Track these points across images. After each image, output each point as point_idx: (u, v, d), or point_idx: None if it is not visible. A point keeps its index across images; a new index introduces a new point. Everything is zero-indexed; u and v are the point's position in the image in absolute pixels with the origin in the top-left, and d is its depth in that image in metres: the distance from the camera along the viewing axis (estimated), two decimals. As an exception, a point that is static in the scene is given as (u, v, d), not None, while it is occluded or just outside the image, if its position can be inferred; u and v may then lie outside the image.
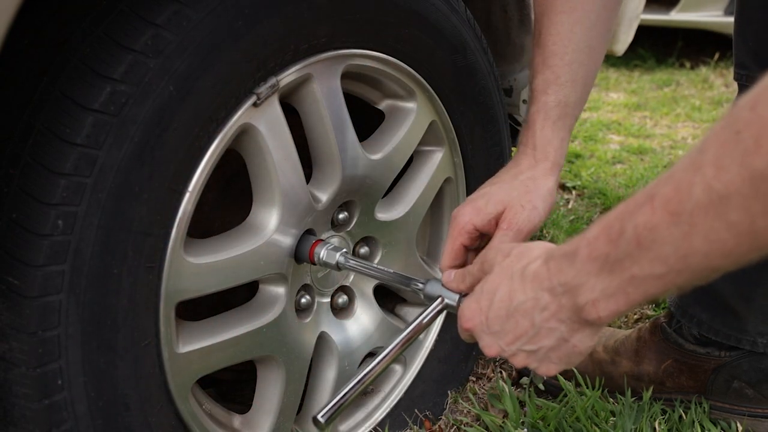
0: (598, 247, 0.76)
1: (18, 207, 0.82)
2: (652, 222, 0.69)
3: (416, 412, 1.43)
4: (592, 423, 1.38)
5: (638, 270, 0.72)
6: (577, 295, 0.79)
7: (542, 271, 0.84)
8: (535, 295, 0.85)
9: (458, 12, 1.27)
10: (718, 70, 4.94)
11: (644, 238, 0.70)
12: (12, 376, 0.85)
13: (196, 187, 0.95)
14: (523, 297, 0.86)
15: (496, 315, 0.89)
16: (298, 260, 1.13)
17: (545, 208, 1.11)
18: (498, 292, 0.89)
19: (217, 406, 1.16)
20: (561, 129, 1.13)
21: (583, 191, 2.80)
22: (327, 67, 1.09)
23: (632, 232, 0.71)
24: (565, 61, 1.13)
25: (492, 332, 0.91)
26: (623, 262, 0.73)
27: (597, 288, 0.77)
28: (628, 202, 0.74)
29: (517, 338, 0.88)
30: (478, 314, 0.92)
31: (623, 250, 0.72)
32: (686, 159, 0.67)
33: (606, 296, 0.77)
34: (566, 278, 0.80)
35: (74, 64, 0.84)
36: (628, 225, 0.72)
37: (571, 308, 0.81)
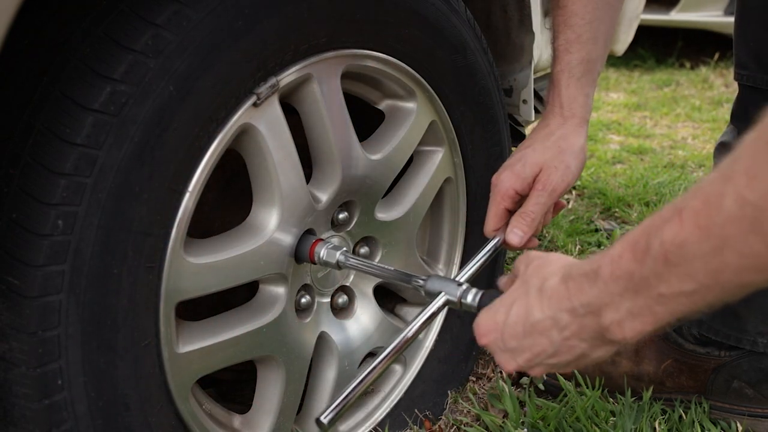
0: (622, 265, 0.72)
1: (18, 207, 0.82)
2: (680, 237, 0.65)
3: (416, 412, 1.43)
4: (592, 423, 1.38)
5: (666, 288, 0.69)
6: (601, 316, 0.76)
7: (561, 290, 0.81)
8: (554, 314, 0.81)
9: (458, 12, 1.27)
10: (718, 70, 4.94)
11: (672, 255, 0.67)
12: (12, 376, 0.85)
13: (196, 187, 0.95)
14: (541, 315, 0.83)
15: (512, 332, 0.86)
16: (298, 260, 1.13)
17: (578, 165, 1.16)
18: (514, 307, 0.87)
19: (217, 406, 1.16)
20: (585, 85, 1.16)
21: (583, 191, 2.80)
22: (327, 67, 1.09)
23: (659, 249, 0.68)
24: (586, 20, 1.16)
25: (508, 349, 0.88)
26: (649, 280, 0.70)
27: (622, 308, 0.73)
28: (653, 217, 0.70)
29: (535, 355, 0.85)
30: (493, 330, 0.89)
31: (649, 267, 0.69)
32: (715, 172, 0.64)
33: (632, 316, 0.73)
34: (588, 299, 0.77)
35: (74, 64, 0.84)
36: (654, 241, 0.68)
37: (594, 329, 0.78)
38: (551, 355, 0.84)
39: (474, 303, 1.01)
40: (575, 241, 2.26)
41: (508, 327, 0.87)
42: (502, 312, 0.88)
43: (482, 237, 1.49)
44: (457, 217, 1.45)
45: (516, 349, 0.87)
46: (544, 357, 0.85)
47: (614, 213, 2.56)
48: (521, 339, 0.86)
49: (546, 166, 1.14)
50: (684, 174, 2.94)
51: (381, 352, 1.05)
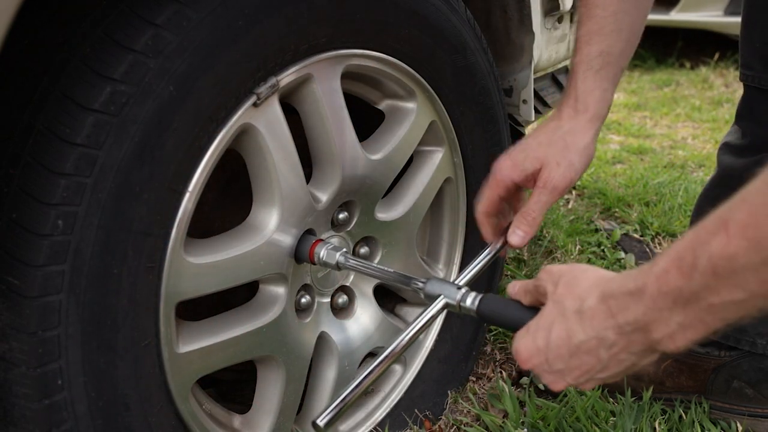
0: (669, 281, 0.72)
1: (18, 207, 0.82)
2: (729, 251, 0.65)
3: (416, 412, 1.43)
4: (592, 423, 1.38)
5: (716, 298, 0.68)
6: (651, 332, 0.76)
7: (602, 310, 0.80)
8: (598, 334, 0.80)
9: (458, 12, 1.27)
10: (718, 70, 4.94)
11: (721, 268, 0.66)
12: (12, 376, 0.85)
13: (196, 187, 0.95)
14: (584, 336, 0.82)
15: (556, 355, 0.85)
16: (298, 260, 1.13)
17: (582, 162, 1.11)
18: (553, 331, 0.85)
19: (217, 406, 1.16)
20: (603, 79, 1.12)
21: (583, 191, 2.80)
22: (327, 67, 1.09)
23: (707, 263, 0.67)
24: (609, 12, 1.11)
25: (555, 371, 0.87)
26: (699, 293, 0.69)
27: (672, 322, 0.73)
28: (698, 231, 0.70)
29: (584, 373, 0.84)
30: (536, 355, 0.87)
31: (698, 282, 0.69)
32: (757, 182, 0.64)
33: (683, 328, 0.73)
34: (635, 316, 0.76)
35: (74, 64, 0.84)
36: (701, 256, 0.68)
37: (643, 343, 0.78)
38: (601, 370, 0.83)
39: (473, 306, 1.00)
40: (575, 241, 2.26)
41: (551, 351, 0.85)
42: (541, 336, 0.86)
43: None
44: (457, 217, 1.45)
45: (563, 370, 0.86)
46: (593, 373, 0.84)
47: (614, 213, 2.56)
48: (567, 360, 0.84)
49: (548, 162, 1.10)
50: (684, 174, 2.94)
51: (380, 354, 1.05)
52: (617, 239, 2.31)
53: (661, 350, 0.77)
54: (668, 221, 2.41)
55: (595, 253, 2.23)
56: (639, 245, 2.29)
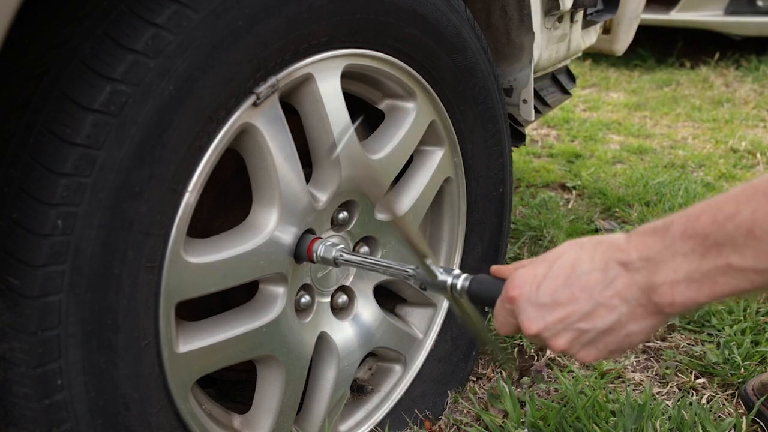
0: (698, 225, 0.68)
1: (18, 207, 0.82)
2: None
3: (416, 412, 1.43)
4: (593, 423, 1.38)
5: (738, 260, 0.65)
6: (656, 273, 0.71)
7: (621, 242, 0.76)
8: (605, 265, 0.75)
9: (458, 12, 1.27)
10: (718, 69, 4.94)
11: (760, 228, 0.63)
12: (12, 376, 0.85)
13: (196, 186, 0.95)
14: (589, 266, 0.77)
15: (551, 283, 0.79)
16: (297, 260, 1.13)
17: None
18: (560, 259, 0.80)
19: (216, 406, 1.16)
20: None
21: (583, 191, 2.80)
22: (327, 67, 1.09)
23: (747, 218, 0.64)
24: None
25: (539, 304, 0.80)
26: (722, 247, 0.66)
27: (682, 269, 0.69)
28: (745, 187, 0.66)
29: (568, 314, 0.78)
30: (529, 281, 0.82)
31: (728, 234, 0.65)
32: None
33: (689, 281, 0.69)
34: (649, 252, 0.72)
35: (74, 64, 0.84)
36: (744, 209, 0.65)
37: (642, 286, 0.73)
38: (584, 317, 0.78)
39: (464, 286, 0.98)
40: (575, 241, 2.26)
41: (548, 279, 0.80)
42: (543, 266, 0.82)
43: (482, 237, 1.49)
44: (457, 216, 1.45)
45: (548, 304, 0.80)
46: (575, 318, 0.78)
47: (614, 213, 2.56)
48: (559, 291, 0.79)
49: None
50: (684, 174, 2.94)
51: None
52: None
53: (654, 301, 0.73)
54: (668, 221, 2.41)
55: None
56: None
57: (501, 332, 0.90)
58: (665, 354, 1.71)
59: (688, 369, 1.65)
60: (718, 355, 1.66)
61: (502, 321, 0.88)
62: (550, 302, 0.80)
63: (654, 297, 0.73)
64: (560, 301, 0.79)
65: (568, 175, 2.98)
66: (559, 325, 0.80)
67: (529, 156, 3.29)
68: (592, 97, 4.41)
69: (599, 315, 0.77)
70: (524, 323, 0.82)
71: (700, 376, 1.63)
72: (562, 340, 0.80)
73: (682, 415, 1.42)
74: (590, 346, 0.80)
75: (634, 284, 0.74)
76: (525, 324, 0.82)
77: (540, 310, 0.81)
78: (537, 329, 0.81)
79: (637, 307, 0.75)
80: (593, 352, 0.80)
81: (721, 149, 3.34)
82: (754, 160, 3.19)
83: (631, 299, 0.75)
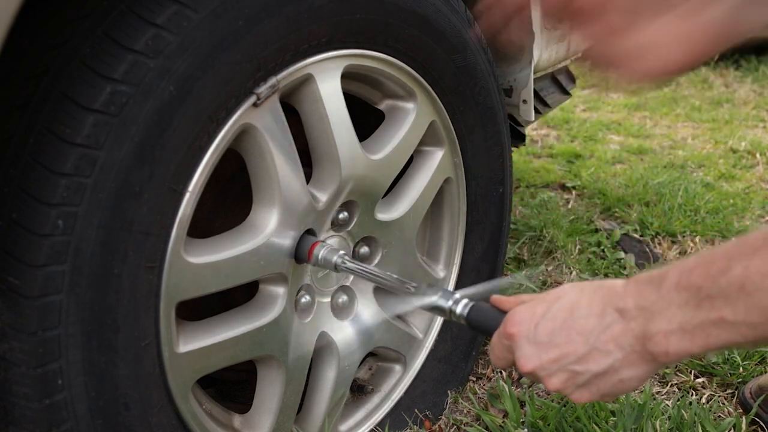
0: (692, 278, 0.70)
1: (18, 207, 0.82)
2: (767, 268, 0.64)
3: (416, 412, 1.43)
4: (593, 423, 1.38)
5: (730, 314, 0.67)
6: (651, 322, 0.73)
7: (618, 289, 0.78)
8: (602, 311, 0.77)
9: (458, 12, 1.27)
10: (718, 70, 4.94)
11: (751, 283, 0.65)
12: (12, 376, 0.85)
13: (196, 187, 0.95)
14: (587, 311, 0.79)
15: (549, 324, 0.81)
16: (298, 260, 1.13)
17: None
18: (560, 301, 0.82)
19: (217, 406, 1.16)
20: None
21: (583, 191, 2.80)
22: (327, 67, 1.09)
23: (740, 273, 0.66)
24: None
25: (537, 342, 0.82)
26: (715, 300, 0.67)
27: (676, 320, 0.71)
28: (740, 243, 0.68)
29: (563, 356, 0.80)
30: (528, 320, 0.83)
31: (720, 288, 0.67)
32: None
33: (682, 332, 0.71)
34: (645, 302, 0.74)
35: (74, 64, 0.84)
36: (736, 265, 0.66)
37: (638, 335, 0.75)
38: (579, 359, 0.79)
39: (463, 314, 0.98)
40: (575, 241, 2.26)
41: (546, 319, 0.82)
42: (543, 306, 0.83)
43: (482, 237, 1.49)
44: (457, 217, 1.45)
45: (545, 344, 0.81)
46: (570, 360, 0.80)
47: (614, 213, 2.56)
48: (556, 332, 0.80)
49: None
50: (684, 174, 2.94)
51: None
52: (617, 239, 2.31)
53: (649, 350, 0.74)
54: (668, 221, 2.41)
55: (595, 253, 2.23)
56: (639, 245, 2.29)
57: (497, 365, 0.92)
58: (665, 354, 1.71)
59: (688, 369, 1.65)
60: (718, 354, 1.66)
61: (499, 355, 0.89)
62: (547, 342, 0.81)
63: (649, 346, 0.74)
64: (556, 342, 0.81)
65: (568, 175, 2.98)
66: (554, 365, 0.81)
67: (529, 156, 3.29)
68: (592, 98, 4.41)
69: (594, 359, 0.79)
70: (520, 360, 0.84)
71: (699, 376, 1.63)
72: (556, 380, 0.82)
73: (682, 414, 1.42)
74: (584, 388, 0.81)
75: (629, 331, 0.76)
76: (521, 361, 0.84)
77: (536, 348, 0.82)
78: (532, 367, 0.83)
79: (632, 353, 0.76)
80: (586, 394, 0.82)
81: (721, 149, 3.35)
82: (753, 160, 3.19)
83: (627, 346, 0.76)
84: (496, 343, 0.89)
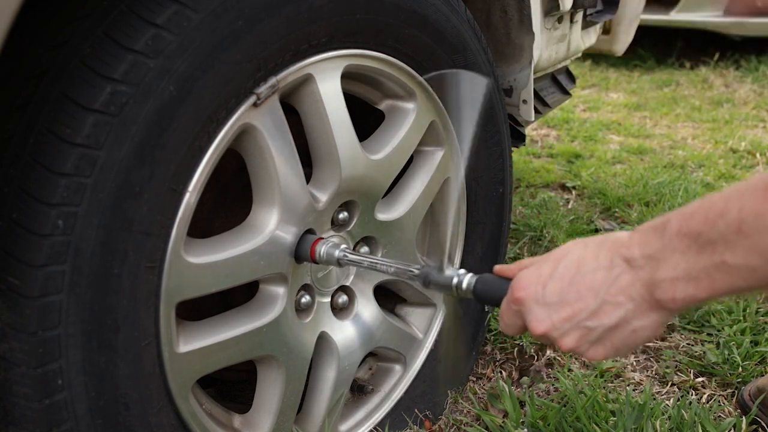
0: (691, 223, 0.70)
1: (18, 207, 0.83)
2: (762, 208, 0.64)
3: (416, 411, 1.43)
4: (593, 423, 1.38)
5: (731, 257, 0.66)
6: (657, 270, 0.72)
7: (624, 240, 0.77)
8: (610, 263, 0.76)
9: (458, 12, 1.27)
10: (718, 70, 4.94)
11: (747, 225, 0.64)
12: (12, 376, 0.85)
13: (196, 187, 0.95)
14: (594, 264, 0.78)
15: (557, 283, 0.80)
16: (298, 260, 1.13)
17: None
18: (565, 259, 0.81)
19: (217, 406, 1.16)
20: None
21: (583, 191, 2.80)
22: (327, 67, 1.09)
23: (735, 216, 0.65)
24: None
25: (546, 303, 0.81)
26: (716, 245, 0.67)
27: (680, 266, 0.70)
28: (739, 184, 0.68)
29: (575, 313, 0.79)
30: (535, 282, 0.82)
31: (719, 231, 0.66)
32: None
33: (688, 277, 0.70)
34: (650, 250, 0.73)
35: (74, 64, 0.84)
36: (732, 206, 0.66)
37: (646, 283, 0.74)
38: (591, 314, 0.78)
39: (469, 288, 0.98)
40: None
41: (553, 279, 0.81)
42: (549, 266, 0.82)
43: (482, 237, 1.49)
44: (458, 217, 1.45)
45: (555, 303, 0.80)
46: (582, 316, 0.79)
47: (614, 213, 2.56)
48: (565, 291, 0.79)
49: None
50: (684, 174, 2.94)
51: None
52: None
53: (657, 298, 0.74)
54: (668, 221, 2.41)
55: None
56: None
57: (507, 333, 0.90)
58: (665, 354, 1.71)
59: (688, 369, 1.65)
60: (718, 354, 1.66)
61: (509, 322, 0.88)
62: (557, 301, 0.80)
63: (657, 293, 0.74)
64: (567, 300, 0.80)
65: (568, 175, 2.98)
66: (566, 324, 0.80)
67: (529, 156, 3.29)
68: (592, 98, 4.41)
69: (605, 312, 0.78)
70: (532, 323, 0.83)
71: (699, 376, 1.63)
72: (570, 339, 0.81)
73: (682, 414, 1.42)
74: (598, 344, 0.80)
75: (638, 281, 0.75)
76: (533, 324, 0.83)
77: (547, 309, 0.81)
78: (545, 329, 0.82)
79: (642, 303, 0.76)
80: (601, 349, 0.81)
81: (721, 149, 3.35)
82: (753, 160, 3.19)
83: (636, 296, 0.76)
84: (505, 310, 0.88)
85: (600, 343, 0.80)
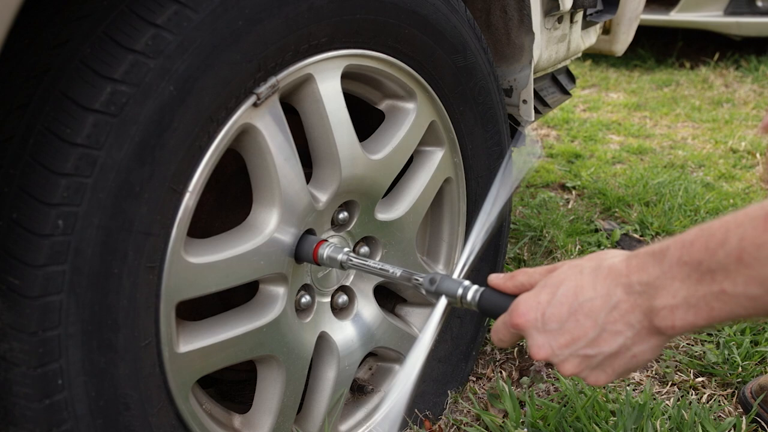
0: (692, 252, 0.70)
1: (18, 207, 0.83)
2: (762, 239, 0.64)
3: (416, 412, 1.43)
4: (593, 423, 1.38)
5: (730, 286, 0.67)
6: (656, 297, 0.73)
7: (621, 267, 0.77)
8: (608, 291, 0.77)
9: (458, 12, 1.27)
10: (718, 70, 4.94)
11: (747, 254, 0.65)
12: (12, 376, 0.85)
13: (196, 187, 0.95)
14: (592, 293, 0.78)
15: (555, 311, 0.81)
16: (298, 260, 1.13)
17: None
18: (563, 286, 0.81)
19: (217, 406, 1.16)
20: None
21: (583, 191, 2.80)
22: (327, 67, 1.09)
23: (736, 245, 0.66)
24: None
25: (546, 331, 0.82)
26: (715, 274, 0.68)
27: (680, 294, 0.71)
28: (737, 213, 0.68)
29: (574, 340, 0.80)
30: (534, 309, 0.83)
31: (719, 261, 0.67)
32: None
33: (687, 305, 0.71)
34: (648, 277, 0.74)
35: (74, 64, 0.84)
36: (732, 236, 0.66)
37: (644, 311, 0.75)
38: (591, 342, 0.79)
39: (473, 301, 0.99)
40: (575, 241, 2.26)
41: (552, 306, 0.82)
42: (546, 292, 0.83)
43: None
44: (457, 216, 1.45)
45: (556, 331, 0.81)
46: (582, 343, 0.80)
47: (614, 213, 2.56)
48: (564, 319, 0.80)
49: None
50: (684, 174, 2.94)
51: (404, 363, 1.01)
52: (617, 239, 2.31)
53: (656, 326, 0.75)
54: (668, 221, 2.41)
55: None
56: (639, 245, 2.29)
57: (499, 346, 0.92)
58: (665, 354, 1.71)
59: (688, 369, 1.66)
60: (718, 354, 1.66)
61: (503, 338, 0.90)
62: (557, 329, 0.81)
63: (655, 321, 0.74)
64: (566, 327, 0.81)
65: (568, 175, 2.98)
66: (566, 351, 0.81)
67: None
68: (592, 98, 4.41)
69: (605, 340, 0.79)
70: (533, 349, 0.84)
71: (699, 376, 1.63)
72: (571, 365, 0.82)
73: (682, 414, 1.42)
74: (599, 370, 0.81)
75: (636, 307, 0.76)
76: (533, 350, 0.84)
77: (547, 336, 0.82)
78: (545, 355, 0.83)
79: (641, 330, 0.77)
80: (603, 375, 0.82)
81: (721, 149, 3.35)
82: (753, 160, 3.19)
83: (635, 323, 0.76)
84: (501, 328, 0.89)
85: (601, 369, 0.81)
